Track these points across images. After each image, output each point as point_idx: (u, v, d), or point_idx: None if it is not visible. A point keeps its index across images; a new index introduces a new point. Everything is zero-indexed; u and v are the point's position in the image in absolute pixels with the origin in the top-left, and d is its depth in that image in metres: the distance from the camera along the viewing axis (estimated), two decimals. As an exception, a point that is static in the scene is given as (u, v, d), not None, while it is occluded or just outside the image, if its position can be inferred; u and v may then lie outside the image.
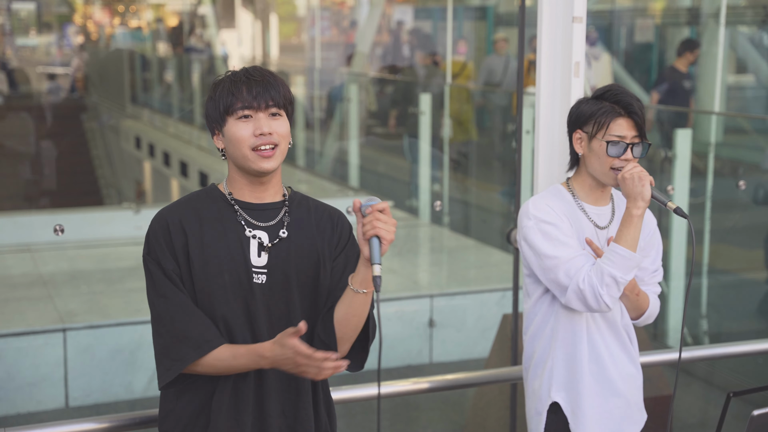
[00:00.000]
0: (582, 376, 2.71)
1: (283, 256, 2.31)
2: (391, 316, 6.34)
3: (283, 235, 2.32)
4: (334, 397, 2.62)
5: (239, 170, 2.32)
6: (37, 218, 8.14)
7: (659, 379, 4.69)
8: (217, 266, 2.26)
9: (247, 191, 2.33)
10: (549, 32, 3.24)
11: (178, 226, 2.29)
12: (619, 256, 2.56)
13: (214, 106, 2.29)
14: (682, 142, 6.66)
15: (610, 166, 2.64)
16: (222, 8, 19.27)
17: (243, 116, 2.26)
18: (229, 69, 2.37)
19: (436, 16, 14.42)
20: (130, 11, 21.22)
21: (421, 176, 9.63)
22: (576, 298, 2.60)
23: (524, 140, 6.33)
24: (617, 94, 2.66)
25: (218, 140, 2.32)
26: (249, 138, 2.25)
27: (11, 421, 5.32)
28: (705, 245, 6.86)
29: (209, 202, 2.34)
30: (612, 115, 2.65)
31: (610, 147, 2.63)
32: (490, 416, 4.67)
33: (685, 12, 10.57)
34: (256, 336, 2.28)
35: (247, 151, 2.26)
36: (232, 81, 2.27)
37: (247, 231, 2.30)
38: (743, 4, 10.88)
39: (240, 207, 2.32)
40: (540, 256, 2.65)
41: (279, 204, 2.36)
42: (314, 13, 17.27)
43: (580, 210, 2.73)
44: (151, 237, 2.30)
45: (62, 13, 20.32)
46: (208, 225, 2.30)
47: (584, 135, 2.70)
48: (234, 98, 2.25)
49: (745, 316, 6.97)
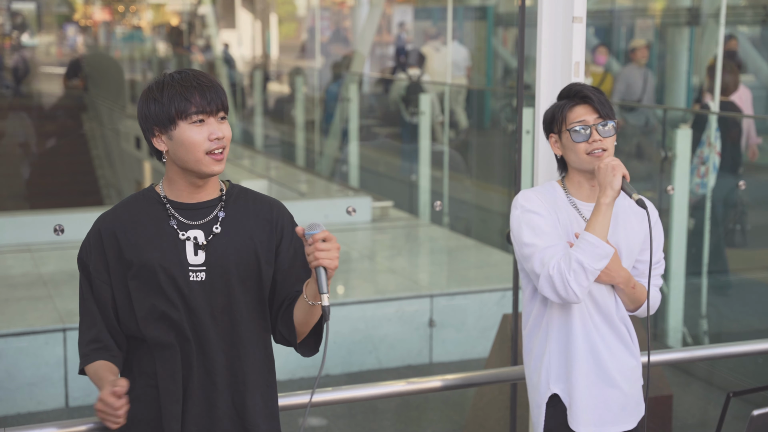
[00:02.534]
0: (578, 368, 2.73)
1: (220, 252, 2.37)
2: (391, 316, 6.34)
3: (216, 230, 2.38)
4: (335, 396, 2.63)
5: (184, 172, 2.37)
6: (37, 218, 8.14)
7: (659, 379, 4.69)
8: (152, 269, 2.34)
9: (186, 192, 2.39)
10: (549, 32, 3.24)
11: (111, 235, 2.38)
12: (587, 243, 2.60)
13: (161, 108, 2.32)
14: (682, 142, 6.65)
15: (584, 152, 2.72)
16: (222, 8, 19.27)
17: (198, 120, 2.31)
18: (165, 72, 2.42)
19: (436, 16, 14.42)
20: (130, 11, 21.21)
21: (421, 176, 9.63)
22: (547, 285, 2.64)
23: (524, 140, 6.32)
24: (570, 88, 2.78)
25: (159, 142, 2.35)
26: (203, 142, 2.31)
27: (11, 421, 5.32)
28: (705, 245, 6.86)
29: (146, 205, 2.41)
30: (567, 106, 2.75)
31: (573, 134, 2.72)
32: (490, 416, 4.68)
33: (685, 12, 10.55)
34: (199, 332, 2.36)
35: (201, 155, 2.32)
36: (183, 86, 2.31)
37: (180, 234, 2.37)
38: (743, 4, 10.88)
39: (174, 208, 2.39)
40: (520, 244, 2.72)
41: (214, 201, 2.42)
42: (314, 13, 17.27)
43: (571, 206, 2.78)
44: (85, 244, 2.42)
45: (62, 13, 20.31)
46: (142, 229, 2.38)
47: (555, 136, 2.81)
48: (189, 103, 2.30)
49: (745, 316, 6.97)
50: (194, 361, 2.36)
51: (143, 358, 2.40)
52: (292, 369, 5.98)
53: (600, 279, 2.70)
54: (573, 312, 2.75)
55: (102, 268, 2.38)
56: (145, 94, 2.35)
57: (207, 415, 2.38)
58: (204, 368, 2.37)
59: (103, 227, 2.40)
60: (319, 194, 10.01)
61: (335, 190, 9.95)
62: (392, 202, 9.38)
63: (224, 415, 2.39)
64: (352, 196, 9.44)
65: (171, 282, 2.34)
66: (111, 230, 2.38)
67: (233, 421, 2.40)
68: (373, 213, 8.94)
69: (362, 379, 6.09)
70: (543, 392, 2.79)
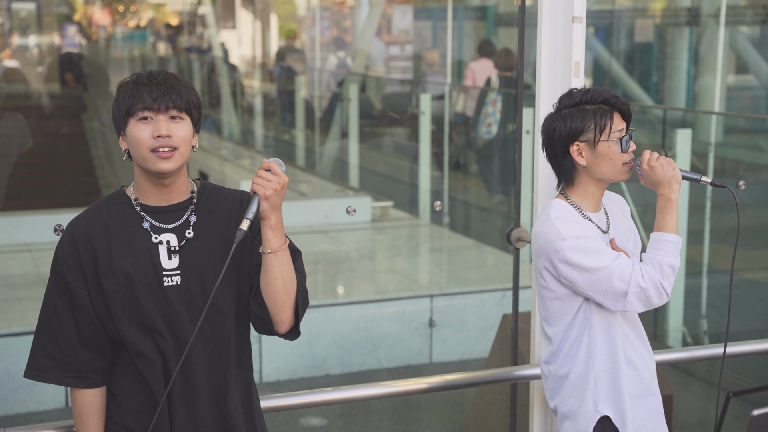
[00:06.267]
0: (623, 383, 2.70)
1: (194, 255, 2.34)
2: (391, 315, 6.34)
3: (189, 235, 2.35)
4: (335, 396, 2.62)
5: (143, 172, 2.35)
6: (37, 218, 8.13)
7: (659, 379, 4.68)
8: (126, 275, 2.31)
9: (153, 195, 2.36)
10: (549, 32, 3.24)
11: (86, 240, 2.34)
12: (670, 243, 2.60)
13: (117, 107, 2.32)
14: (682, 142, 6.65)
15: (622, 162, 2.65)
16: (222, 8, 19.27)
17: (143, 118, 2.29)
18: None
19: (436, 16, 14.40)
20: (131, 11, 21.21)
21: (421, 176, 9.63)
22: (637, 299, 2.58)
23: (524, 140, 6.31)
24: (600, 94, 2.67)
25: (122, 141, 2.35)
26: (148, 139, 2.28)
27: (11, 421, 5.32)
28: (705, 245, 6.86)
29: (116, 209, 2.37)
30: (608, 114, 2.65)
31: (623, 143, 2.65)
32: (490, 416, 4.67)
33: (685, 12, 10.56)
34: (179, 337, 2.33)
35: (146, 152, 2.29)
36: (135, 83, 2.31)
37: (153, 237, 2.33)
38: (743, 4, 10.88)
39: (145, 212, 2.36)
40: (589, 270, 2.60)
41: (185, 204, 2.39)
42: (314, 13, 17.27)
43: (586, 219, 2.71)
44: (59, 251, 2.37)
45: (62, 13, 20.31)
46: (115, 234, 2.34)
47: (584, 145, 2.65)
48: (135, 100, 2.28)
49: (745, 316, 6.96)
50: (174, 366, 2.33)
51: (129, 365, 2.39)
52: (292, 369, 5.98)
53: None
54: (616, 328, 2.70)
55: (79, 275, 2.34)
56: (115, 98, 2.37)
57: (189, 418, 2.37)
58: (183, 372, 2.34)
59: (77, 233, 2.35)
60: (319, 194, 10.00)
61: (335, 190, 9.95)
62: (392, 202, 9.38)
63: (207, 417, 2.38)
64: (352, 196, 9.44)
65: (146, 288, 2.31)
66: (85, 235, 2.34)
67: (216, 421, 2.40)
68: (373, 213, 8.94)
69: (362, 379, 6.09)
70: (591, 416, 2.70)
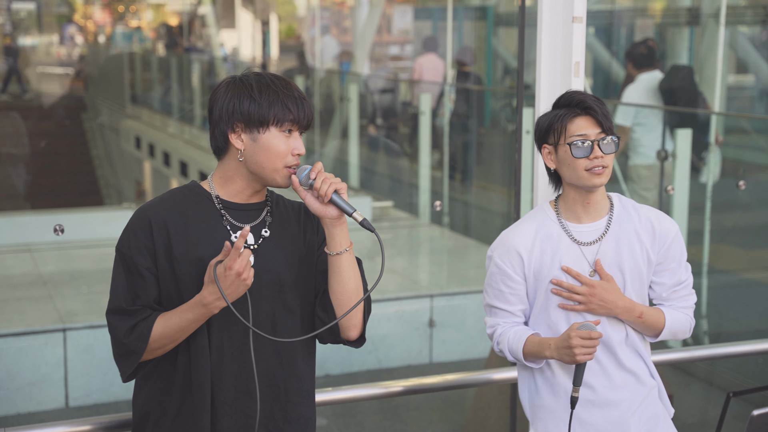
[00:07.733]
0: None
1: (268, 256, 2.31)
2: (391, 316, 6.34)
3: (265, 234, 2.32)
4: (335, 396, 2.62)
5: (251, 175, 2.29)
6: (37, 218, 8.14)
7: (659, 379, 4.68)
8: (204, 263, 2.25)
9: (242, 194, 2.32)
10: (549, 32, 3.24)
11: (162, 226, 2.25)
12: (526, 343, 2.57)
13: (257, 108, 2.24)
14: (682, 142, 6.65)
15: (584, 169, 2.50)
16: (222, 8, 19.27)
17: (288, 130, 2.26)
18: (251, 69, 2.37)
19: (436, 16, 14.40)
20: (130, 11, 21.21)
21: (421, 176, 9.63)
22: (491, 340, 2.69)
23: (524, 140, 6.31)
24: (570, 96, 2.55)
25: (237, 139, 2.27)
26: (286, 154, 2.26)
27: (11, 421, 5.32)
28: (705, 245, 6.85)
29: (194, 200, 2.31)
30: (568, 117, 2.52)
31: (573, 149, 2.49)
32: (490, 416, 4.67)
33: (685, 12, 10.55)
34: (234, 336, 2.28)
35: (280, 166, 2.26)
36: (285, 93, 2.25)
37: (232, 235, 2.29)
38: (743, 4, 10.88)
39: (225, 208, 2.31)
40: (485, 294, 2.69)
41: (261, 204, 2.36)
42: (314, 13, 17.26)
43: (563, 230, 2.59)
44: (130, 232, 2.26)
45: (62, 13, 20.32)
46: (193, 225, 2.27)
47: (550, 147, 2.57)
48: (288, 111, 2.24)
49: (745, 316, 6.96)
50: (227, 366, 2.27)
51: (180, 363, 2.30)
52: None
53: (596, 312, 2.55)
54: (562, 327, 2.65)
55: (149, 258, 2.24)
56: (236, 89, 2.26)
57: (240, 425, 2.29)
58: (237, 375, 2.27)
59: (153, 217, 2.25)
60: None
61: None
62: (392, 202, 9.38)
63: (260, 427, 2.30)
64: (352, 196, 9.43)
65: None
66: (162, 221, 2.25)
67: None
68: (373, 213, 8.94)
69: (362, 379, 6.09)
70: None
